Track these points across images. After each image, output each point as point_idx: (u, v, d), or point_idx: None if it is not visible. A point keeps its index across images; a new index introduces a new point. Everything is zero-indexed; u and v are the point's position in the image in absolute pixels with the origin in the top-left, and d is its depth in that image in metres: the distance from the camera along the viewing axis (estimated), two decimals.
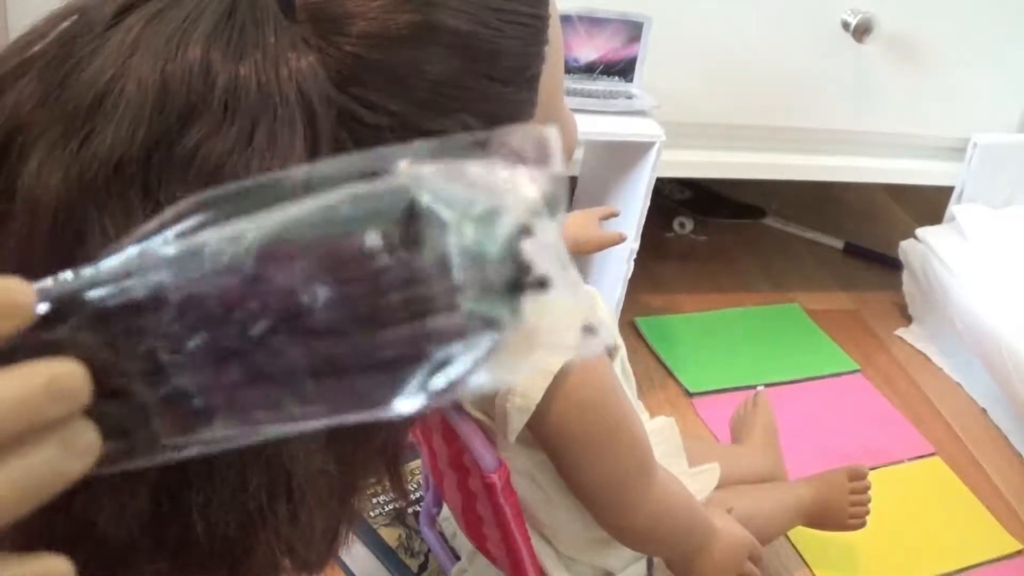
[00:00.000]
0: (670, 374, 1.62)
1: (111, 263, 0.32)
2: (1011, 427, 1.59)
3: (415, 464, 1.27)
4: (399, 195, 0.31)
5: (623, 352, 0.88)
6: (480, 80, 0.62)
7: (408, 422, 0.64)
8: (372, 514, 1.26)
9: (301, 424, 0.32)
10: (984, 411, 1.64)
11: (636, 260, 1.45)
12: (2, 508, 0.30)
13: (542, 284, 0.31)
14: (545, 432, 0.80)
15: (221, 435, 0.32)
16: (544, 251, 0.31)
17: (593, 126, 1.36)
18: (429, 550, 1.21)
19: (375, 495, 1.28)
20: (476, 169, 0.32)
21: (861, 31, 1.55)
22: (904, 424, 1.60)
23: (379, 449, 0.58)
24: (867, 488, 1.20)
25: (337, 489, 0.54)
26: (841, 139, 1.70)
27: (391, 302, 0.31)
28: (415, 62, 0.57)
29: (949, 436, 1.59)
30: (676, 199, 2.08)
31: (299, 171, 0.34)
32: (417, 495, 1.26)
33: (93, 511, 0.48)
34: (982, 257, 1.66)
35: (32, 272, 0.34)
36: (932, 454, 1.54)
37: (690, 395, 1.58)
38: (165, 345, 0.31)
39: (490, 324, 0.30)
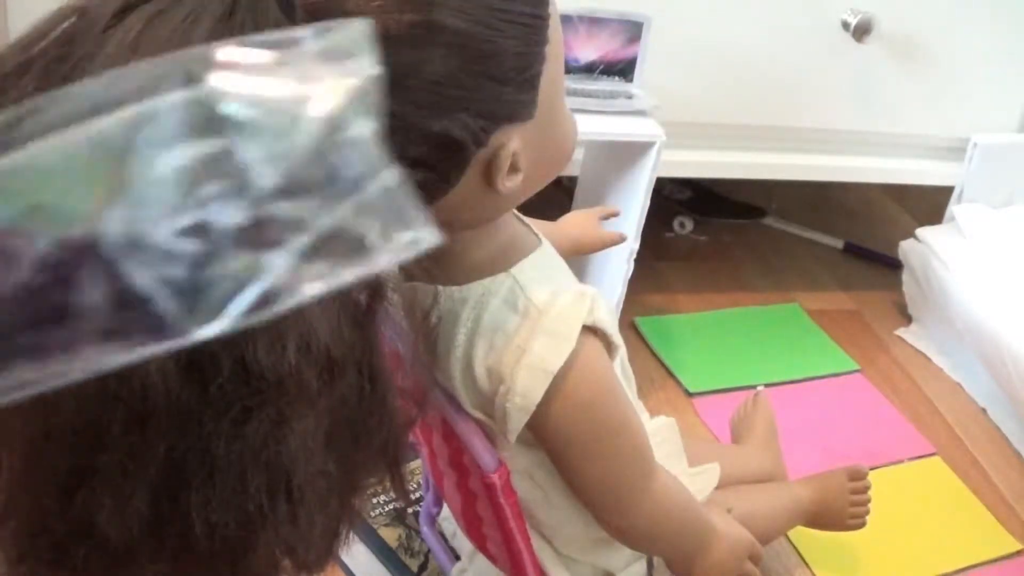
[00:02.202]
0: (670, 374, 1.62)
1: None
2: (1011, 427, 1.59)
3: (415, 464, 1.27)
4: (202, 106, 0.29)
5: (623, 352, 0.88)
6: (480, 80, 0.62)
7: (409, 422, 0.64)
8: (372, 514, 1.26)
9: (102, 363, 0.30)
10: (984, 411, 1.64)
11: (636, 260, 1.45)
12: None
13: (354, 184, 0.30)
14: (545, 432, 0.80)
15: (24, 378, 0.30)
16: (354, 147, 0.30)
17: (593, 126, 1.36)
18: (429, 550, 1.21)
19: (375, 495, 1.28)
20: (286, 68, 0.30)
21: (861, 31, 1.55)
22: (904, 424, 1.60)
23: (380, 450, 0.58)
24: (867, 488, 1.20)
25: (337, 489, 0.54)
26: (841, 139, 1.70)
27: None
28: (415, 62, 0.57)
29: (949, 436, 1.59)
30: (676, 199, 2.08)
31: (92, 89, 0.31)
32: (417, 495, 1.26)
33: (92, 511, 0.48)
34: (982, 257, 1.66)
35: None
36: (932, 454, 1.54)
37: (690, 395, 1.58)
38: None
39: (297, 225, 0.29)
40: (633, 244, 1.43)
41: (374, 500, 1.27)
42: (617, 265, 1.46)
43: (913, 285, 1.82)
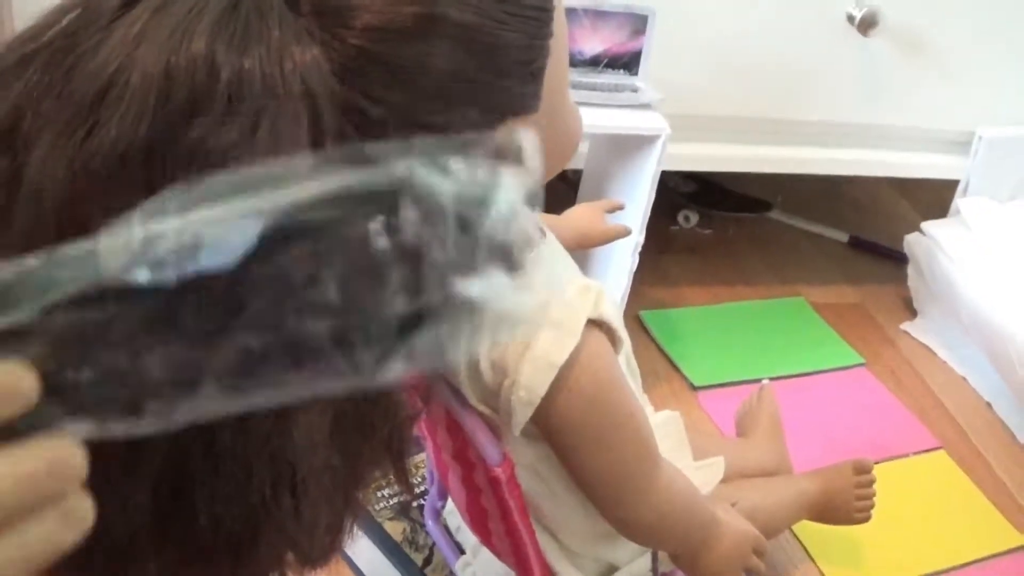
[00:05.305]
0: (675, 367, 1.62)
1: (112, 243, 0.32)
2: (1016, 421, 1.58)
3: (420, 458, 1.27)
4: (396, 180, 0.32)
5: (628, 345, 0.87)
6: (484, 73, 0.62)
7: (413, 416, 0.64)
8: (377, 508, 1.26)
9: (284, 395, 0.33)
10: (989, 405, 1.64)
11: (641, 253, 1.45)
12: None
13: (515, 267, 0.33)
14: (550, 426, 0.80)
15: (207, 405, 0.32)
16: (521, 237, 0.34)
17: (598, 119, 1.36)
18: (434, 544, 1.21)
19: (379, 489, 1.28)
20: (458, 165, 0.33)
21: (866, 24, 1.54)
22: (909, 418, 1.60)
23: (384, 443, 0.58)
24: (872, 482, 1.20)
25: (342, 483, 0.54)
26: (846, 132, 1.70)
27: (387, 281, 0.32)
28: (419, 55, 0.57)
29: (954, 430, 1.58)
30: (681, 192, 2.08)
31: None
32: (422, 489, 1.26)
33: (95, 504, 0.47)
34: (987, 250, 1.65)
35: None
36: (937, 448, 1.54)
37: (695, 388, 1.58)
38: (161, 323, 0.32)
39: (469, 303, 0.32)
40: (638, 237, 1.42)
41: (379, 494, 1.27)
42: (622, 258, 1.46)
43: (918, 279, 1.82)
